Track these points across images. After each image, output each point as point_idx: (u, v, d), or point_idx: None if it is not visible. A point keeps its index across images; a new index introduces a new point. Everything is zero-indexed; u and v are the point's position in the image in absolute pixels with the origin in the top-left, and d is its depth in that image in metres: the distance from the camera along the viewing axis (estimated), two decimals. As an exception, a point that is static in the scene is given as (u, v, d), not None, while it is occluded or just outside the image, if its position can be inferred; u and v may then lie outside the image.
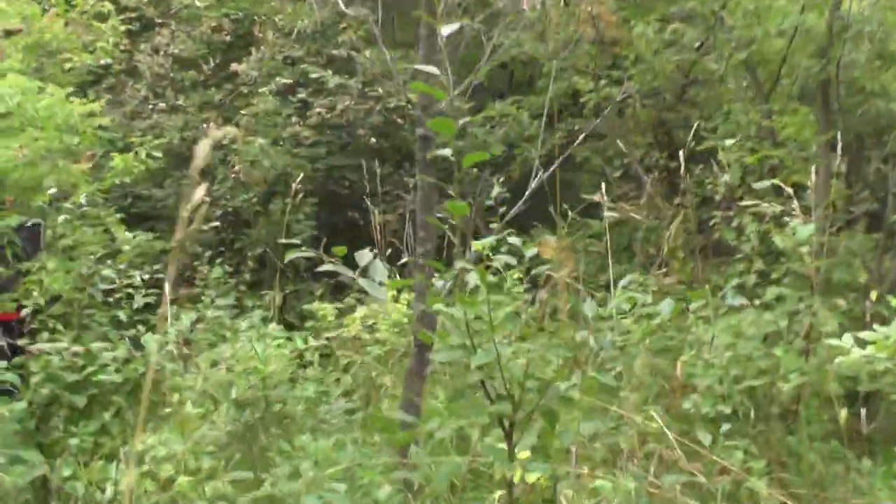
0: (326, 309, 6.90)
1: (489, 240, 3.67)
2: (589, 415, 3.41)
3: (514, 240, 3.31)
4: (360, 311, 6.51)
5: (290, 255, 2.81)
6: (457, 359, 2.66)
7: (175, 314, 6.19)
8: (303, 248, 2.75)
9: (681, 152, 5.88)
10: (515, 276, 5.69)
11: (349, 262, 2.68)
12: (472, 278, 2.75)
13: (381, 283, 2.65)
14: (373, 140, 8.08)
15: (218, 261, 7.27)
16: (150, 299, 4.89)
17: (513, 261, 3.09)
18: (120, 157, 6.88)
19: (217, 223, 7.74)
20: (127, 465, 3.80)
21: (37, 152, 5.93)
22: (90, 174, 6.86)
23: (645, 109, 8.09)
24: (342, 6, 5.16)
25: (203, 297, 6.74)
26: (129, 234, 6.92)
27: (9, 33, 3.50)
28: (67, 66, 7.02)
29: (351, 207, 8.47)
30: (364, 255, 2.74)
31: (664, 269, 6.15)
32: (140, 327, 4.92)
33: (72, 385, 4.41)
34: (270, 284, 8.33)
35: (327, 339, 6.19)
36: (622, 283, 4.34)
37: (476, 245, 3.65)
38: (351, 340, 6.30)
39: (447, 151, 2.67)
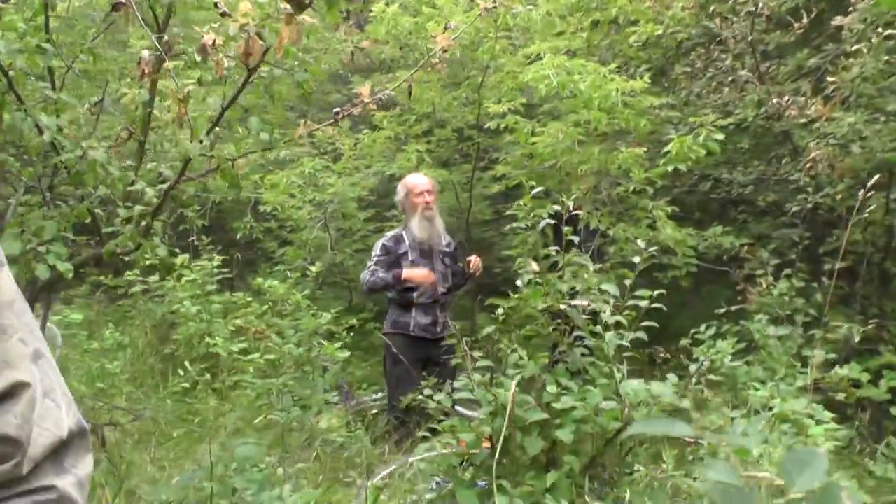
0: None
1: None
2: None
3: None
4: None
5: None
6: None
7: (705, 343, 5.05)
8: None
9: None
10: None
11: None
12: None
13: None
14: None
15: (786, 271, 5.77)
16: (635, 335, 3.78)
17: None
18: (677, 140, 5.95)
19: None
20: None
21: (574, 136, 5.39)
22: (644, 158, 6.09)
23: None
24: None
25: (756, 316, 5.44)
26: (677, 232, 5.98)
27: None
28: (632, 39, 6.31)
29: None
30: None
31: None
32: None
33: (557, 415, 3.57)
34: (861, 306, 6.48)
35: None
36: None
37: None
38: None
39: None
